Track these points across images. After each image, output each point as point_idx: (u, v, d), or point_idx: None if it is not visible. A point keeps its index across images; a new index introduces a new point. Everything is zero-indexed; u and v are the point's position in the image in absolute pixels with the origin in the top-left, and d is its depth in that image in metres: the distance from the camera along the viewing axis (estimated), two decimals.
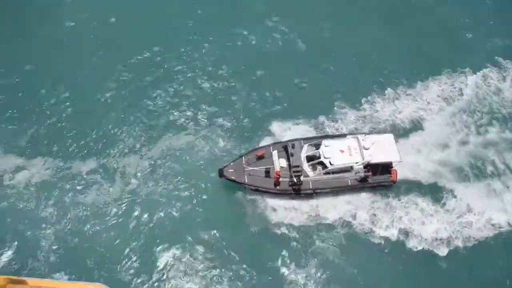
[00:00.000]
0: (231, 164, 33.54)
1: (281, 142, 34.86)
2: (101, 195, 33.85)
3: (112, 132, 36.93)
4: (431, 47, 42.54)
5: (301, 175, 32.63)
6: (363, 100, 38.77)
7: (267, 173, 33.14)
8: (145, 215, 33.16)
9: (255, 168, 33.19)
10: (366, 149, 32.97)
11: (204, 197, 34.09)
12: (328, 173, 33.06)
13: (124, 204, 33.55)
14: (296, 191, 33.17)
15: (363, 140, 33.26)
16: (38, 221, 32.63)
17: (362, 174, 33.35)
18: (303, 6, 45.25)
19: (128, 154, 35.85)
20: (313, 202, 33.86)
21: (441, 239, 32.39)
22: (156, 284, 30.62)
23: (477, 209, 33.67)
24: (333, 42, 42.50)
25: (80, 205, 33.41)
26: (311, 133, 36.56)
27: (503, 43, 42.72)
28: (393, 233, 32.60)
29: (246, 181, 32.99)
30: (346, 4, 45.60)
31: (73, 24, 43.29)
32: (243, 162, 33.47)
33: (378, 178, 33.74)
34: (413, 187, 34.69)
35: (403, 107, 38.64)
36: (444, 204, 34.02)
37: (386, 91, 39.36)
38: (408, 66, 41.06)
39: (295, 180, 32.44)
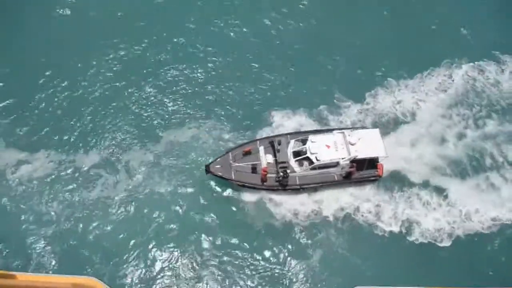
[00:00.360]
0: (218, 160, 33.18)
1: (267, 137, 34.69)
2: (105, 190, 33.45)
3: (115, 125, 36.35)
4: (431, 41, 42.54)
5: (288, 170, 32.66)
6: (366, 94, 38.85)
7: (254, 169, 32.92)
8: (150, 211, 32.87)
9: (241, 164, 32.95)
10: (352, 144, 33.08)
11: (209, 191, 34.00)
12: (314, 168, 33.17)
13: (129, 199, 33.18)
14: (283, 186, 33.17)
15: (349, 135, 33.37)
16: (41, 215, 32.19)
17: (348, 169, 33.57)
18: (307, 2, 44.84)
19: (132, 148, 35.43)
20: (317, 195, 34.08)
21: (443, 231, 32.98)
22: (159, 278, 30.61)
23: (477, 203, 34.21)
24: (335, 37, 42.16)
25: (84, 200, 32.99)
26: (314, 126, 36.62)
27: (501, 38, 42.78)
28: (396, 225, 33.09)
29: (233, 177, 32.76)
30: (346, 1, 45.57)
31: (72, 13, 42.10)
32: (230, 158, 33.19)
33: (364, 172, 33.95)
34: (415, 180, 35.03)
35: (402, 99, 38.90)
36: (446, 197, 34.53)
37: (386, 84, 39.57)
38: (408, 60, 40.98)
39: (282, 175, 32.44)
